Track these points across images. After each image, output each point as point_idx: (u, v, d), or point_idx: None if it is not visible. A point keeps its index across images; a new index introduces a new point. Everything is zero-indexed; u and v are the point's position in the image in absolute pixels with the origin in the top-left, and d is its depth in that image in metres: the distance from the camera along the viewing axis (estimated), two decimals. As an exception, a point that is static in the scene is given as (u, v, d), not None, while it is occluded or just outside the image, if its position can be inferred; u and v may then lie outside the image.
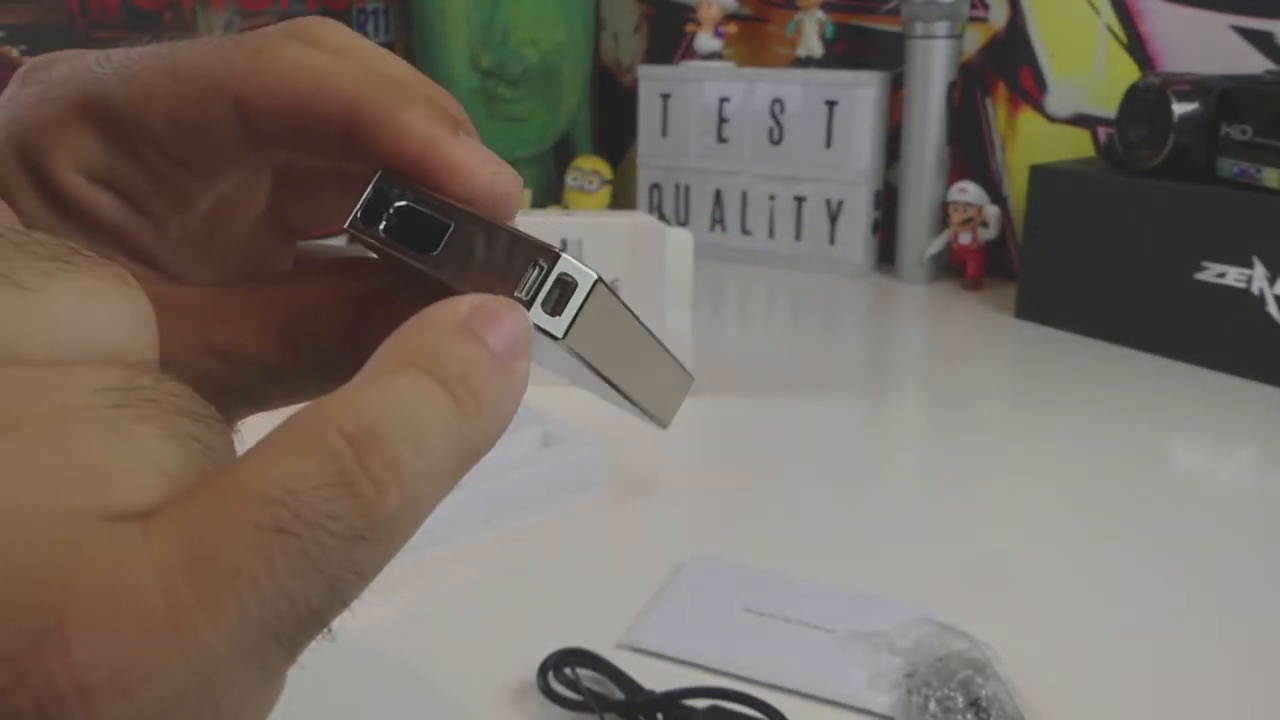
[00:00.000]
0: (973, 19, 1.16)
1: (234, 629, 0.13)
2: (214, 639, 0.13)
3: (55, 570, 0.12)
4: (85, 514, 0.13)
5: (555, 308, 0.18)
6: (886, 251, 1.24)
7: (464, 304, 0.17)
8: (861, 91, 1.18)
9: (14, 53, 1.10)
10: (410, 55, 1.45)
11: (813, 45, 1.22)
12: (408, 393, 0.16)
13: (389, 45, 1.47)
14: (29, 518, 0.12)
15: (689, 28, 1.31)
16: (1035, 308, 1.03)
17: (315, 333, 0.21)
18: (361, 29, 1.43)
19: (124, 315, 0.15)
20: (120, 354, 0.15)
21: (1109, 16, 1.08)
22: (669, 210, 1.34)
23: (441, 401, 0.16)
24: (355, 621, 0.17)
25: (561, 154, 1.47)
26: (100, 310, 0.14)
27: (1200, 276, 0.89)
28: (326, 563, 0.14)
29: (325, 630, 0.15)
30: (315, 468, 0.14)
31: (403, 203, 0.19)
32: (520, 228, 0.19)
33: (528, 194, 1.43)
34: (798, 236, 1.25)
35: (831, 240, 1.23)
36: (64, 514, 0.13)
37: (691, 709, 0.42)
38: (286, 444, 0.15)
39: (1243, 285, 0.86)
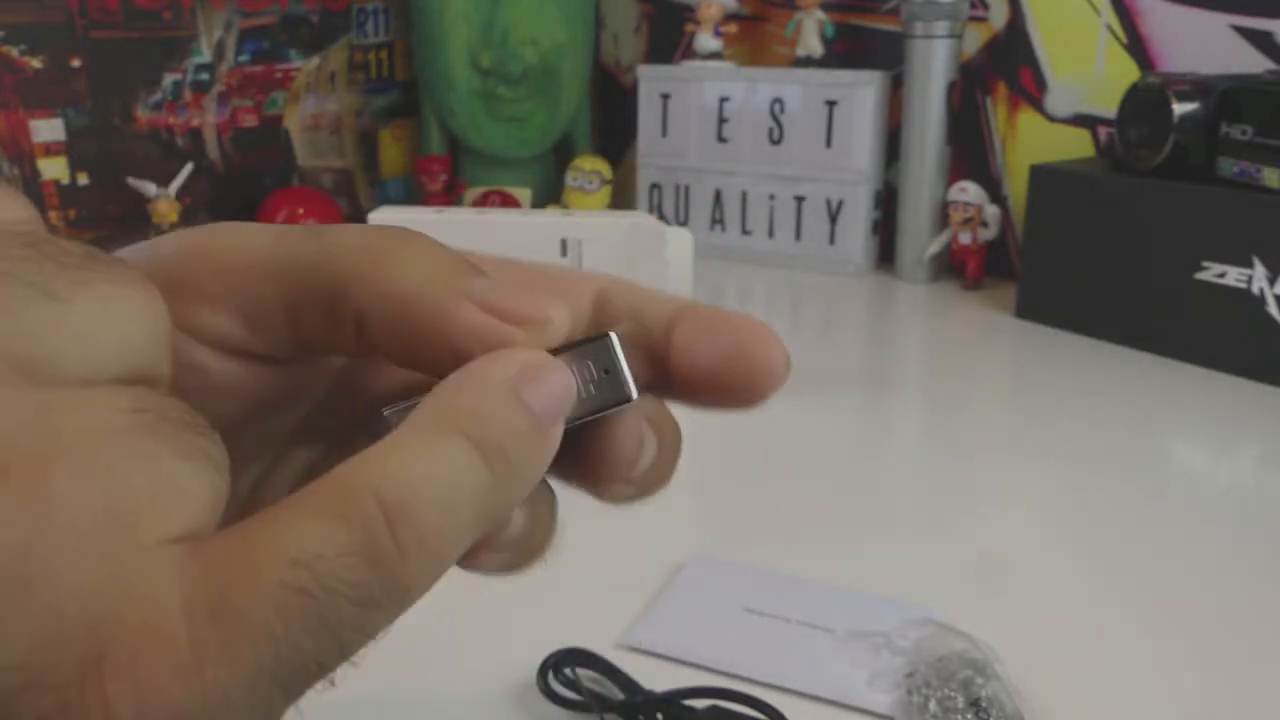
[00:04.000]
0: (973, 19, 1.16)
1: (248, 677, 0.13)
2: (230, 685, 0.13)
3: (107, 601, 0.13)
4: (128, 544, 0.13)
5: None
6: (886, 251, 1.24)
7: (514, 362, 0.17)
8: (861, 91, 1.18)
9: (14, 52, 1.10)
10: (410, 55, 1.45)
11: (813, 45, 1.22)
12: (448, 462, 0.16)
13: (389, 45, 1.47)
14: (84, 548, 0.13)
15: (689, 27, 1.31)
16: (1035, 308, 1.03)
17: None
18: (361, 29, 1.43)
19: (143, 322, 0.15)
20: (138, 364, 0.15)
21: (1109, 16, 1.08)
22: (669, 210, 1.34)
23: (479, 472, 0.16)
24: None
25: (561, 154, 1.47)
26: (121, 318, 0.15)
27: (1200, 276, 0.89)
28: (340, 626, 0.14)
29: (327, 681, 0.15)
30: (344, 535, 0.14)
31: None
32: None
33: (527, 193, 1.43)
34: (798, 236, 1.25)
35: (831, 240, 1.23)
36: (110, 545, 0.13)
37: (691, 709, 0.42)
38: (320, 504, 0.15)
39: (1243, 285, 0.86)
